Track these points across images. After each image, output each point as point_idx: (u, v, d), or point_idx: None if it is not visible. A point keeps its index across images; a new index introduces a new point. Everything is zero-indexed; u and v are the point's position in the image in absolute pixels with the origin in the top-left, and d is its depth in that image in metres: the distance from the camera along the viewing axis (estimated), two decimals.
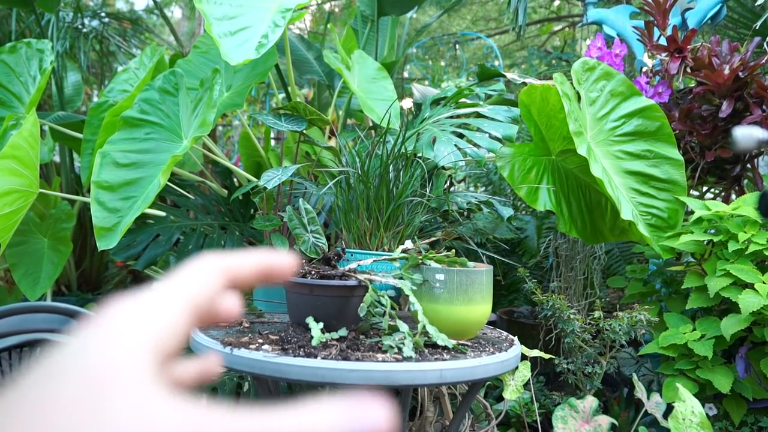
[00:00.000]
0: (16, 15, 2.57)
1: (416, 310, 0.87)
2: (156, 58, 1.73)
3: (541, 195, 1.37)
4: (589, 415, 1.12)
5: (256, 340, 0.90)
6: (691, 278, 1.28)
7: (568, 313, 1.28)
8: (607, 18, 1.93)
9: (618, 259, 1.96)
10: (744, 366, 1.21)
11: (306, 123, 1.39)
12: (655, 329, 1.34)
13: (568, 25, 5.26)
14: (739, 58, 1.39)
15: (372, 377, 0.78)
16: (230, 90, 1.55)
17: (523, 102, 1.37)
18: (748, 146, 0.51)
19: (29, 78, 1.70)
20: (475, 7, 5.87)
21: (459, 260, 0.99)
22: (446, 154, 1.31)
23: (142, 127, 1.37)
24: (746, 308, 1.11)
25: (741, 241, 1.20)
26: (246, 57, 1.19)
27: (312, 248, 1.06)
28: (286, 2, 1.30)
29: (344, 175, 1.16)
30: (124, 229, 1.20)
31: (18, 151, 1.28)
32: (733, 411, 1.24)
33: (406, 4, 1.93)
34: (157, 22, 4.52)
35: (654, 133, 1.37)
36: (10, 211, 1.30)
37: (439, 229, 1.39)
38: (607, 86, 1.39)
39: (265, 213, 1.54)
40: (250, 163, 1.83)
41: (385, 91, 1.61)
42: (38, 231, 1.94)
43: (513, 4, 2.26)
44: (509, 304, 2.03)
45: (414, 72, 4.54)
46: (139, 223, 1.61)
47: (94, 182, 1.26)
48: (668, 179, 1.35)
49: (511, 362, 0.92)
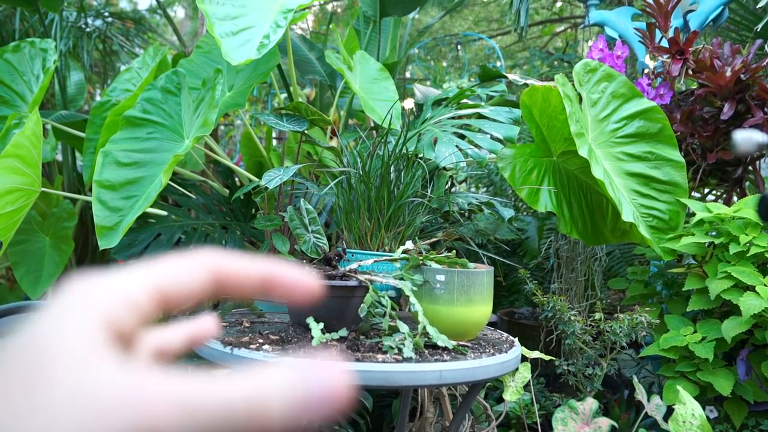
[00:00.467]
0: (20, 14, 2.57)
1: (416, 311, 0.87)
2: (159, 57, 1.74)
3: (542, 196, 1.37)
4: (589, 417, 1.12)
5: (256, 339, 0.91)
6: (692, 280, 1.27)
7: (569, 314, 1.28)
8: (609, 20, 1.92)
9: (619, 260, 1.96)
10: (745, 368, 1.21)
11: (307, 123, 1.39)
12: (656, 331, 1.34)
13: (570, 27, 5.25)
14: (741, 61, 1.39)
15: (372, 378, 0.78)
16: (232, 90, 1.55)
17: (524, 103, 1.37)
18: (748, 149, 0.51)
19: (32, 77, 1.71)
20: (477, 8, 5.88)
21: (460, 261, 0.99)
22: (447, 154, 1.31)
23: (144, 126, 1.37)
24: (747, 311, 1.11)
25: (742, 243, 1.20)
26: (247, 57, 1.19)
27: (313, 248, 1.06)
28: (288, 3, 1.30)
29: (345, 175, 1.16)
30: (125, 228, 1.21)
31: (20, 150, 1.28)
32: (733, 414, 1.24)
33: (409, 4, 1.93)
34: (160, 21, 4.53)
35: (655, 134, 1.37)
36: (12, 209, 1.31)
37: (440, 230, 1.39)
38: (609, 88, 1.39)
39: (266, 213, 1.54)
40: (251, 162, 1.83)
41: (387, 92, 1.61)
42: (40, 230, 1.94)
43: (515, 6, 2.26)
44: (510, 305, 2.03)
45: (416, 72, 4.55)
46: (141, 223, 1.61)
47: (96, 181, 1.27)
48: (669, 181, 1.35)
49: (511, 363, 0.92)
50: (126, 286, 0.18)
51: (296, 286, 0.21)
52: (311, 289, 0.21)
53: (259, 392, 0.16)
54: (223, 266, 0.20)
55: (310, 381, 0.16)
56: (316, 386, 0.16)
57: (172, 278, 0.19)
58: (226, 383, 0.16)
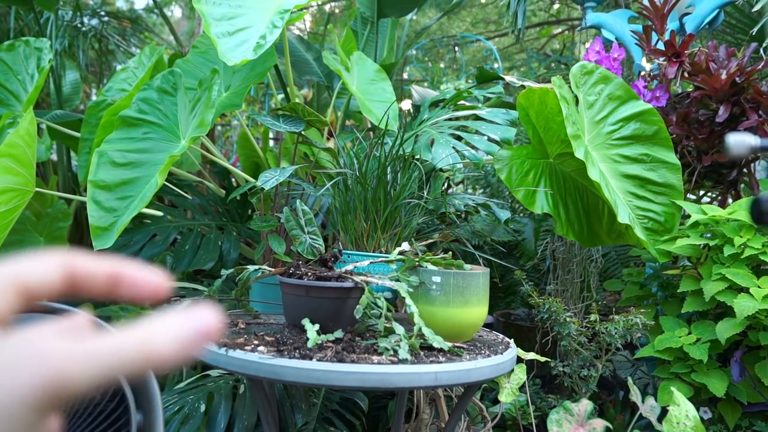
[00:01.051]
0: (14, 13, 2.56)
1: (412, 313, 0.87)
2: (155, 57, 1.73)
3: (538, 198, 1.37)
4: (584, 418, 1.12)
5: (251, 341, 0.90)
6: (687, 282, 1.28)
7: (565, 316, 1.28)
8: (605, 22, 1.93)
9: (615, 262, 1.96)
10: (739, 370, 1.22)
11: (304, 124, 1.39)
12: (651, 332, 1.34)
13: (567, 29, 5.27)
14: (736, 63, 1.39)
15: (367, 379, 0.78)
16: (229, 90, 1.55)
17: (521, 105, 1.37)
18: (741, 153, 0.51)
19: (27, 76, 1.70)
20: (474, 9, 5.89)
21: (456, 262, 0.99)
22: (444, 156, 1.31)
23: (140, 126, 1.36)
24: (741, 312, 1.11)
25: (737, 245, 1.20)
26: (244, 57, 1.19)
27: (309, 249, 1.06)
28: (285, 3, 1.30)
29: (342, 176, 1.16)
30: (120, 229, 1.20)
31: (14, 150, 1.28)
32: (727, 415, 1.25)
33: (406, 5, 1.93)
34: (156, 21, 4.51)
35: (651, 137, 1.38)
36: (5, 209, 1.30)
37: (436, 231, 1.39)
38: (605, 90, 1.39)
39: (262, 213, 1.54)
40: (248, 163, 1.83)
41: (384, 93, 1.61)
42: (34, 230, 1.93)
43: (512, 7, 2.26)
44: (506, 307, 2.03)
45: (413, 74, 4.55)
46: (136, 223, 1.61)
47: (91, 181, 1.26)
48: (665, 183, 1.35)
49: (506, 365, 0.93)
50: None
51: (142, 286, 0.23)
52: (157, 289, 0.23)
53: (150, 336, 0.20)
54: (74, 264, 0.22)
55: (189, 321, 0.20)
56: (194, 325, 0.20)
57: (31, 273, 0.21)
58: (123, 333, 0.20)
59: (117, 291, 0.22)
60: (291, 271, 0.97)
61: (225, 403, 1.23)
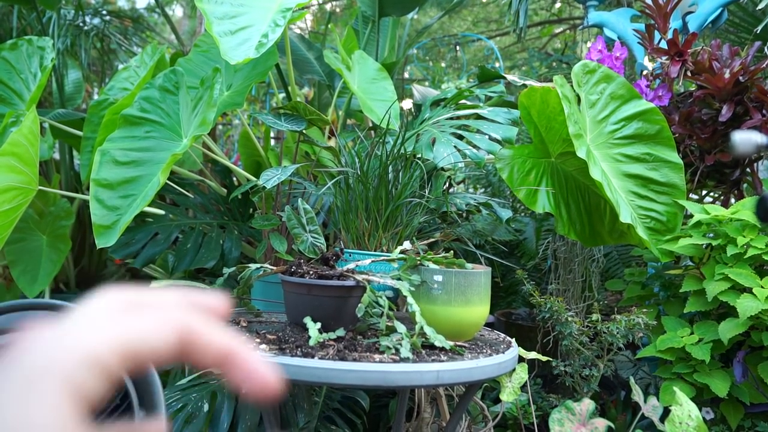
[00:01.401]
0: (17, 12, 2.57)
1: (414, 311, 0.87)
2: (157, 56, 1.73)
3: (540, 197, 1.37)
4: (586, 418, 1.12)
5: (253, 339, 0.90)
6: (689, 282, 1.28)
7: (566, 315, 1.28)
8: (608, 21, 1.93)
9: (616, 262, 1.96)
10: (741, 370, 1.21)
11: (306, 123, 1.39)
12: (653, 332, 1.34)
13: (569, 28, 5.26)
14: (740, 63, 1.39)
15: (369, 378, 0.78)
16: (230, 89, 1.55)
17: (523, 104, 1.37)
18: (747, 151, 0.51)
19: (30, 75, 1.70)
20: (476, 8, 5.88)
21: (457, 261, 0.99)
22: (445, 155, 1.31)
23: (142, 125, 1.37)
24: (744, 312, 1.11)
25: (740, 245, 1.20)
26: (246, 56, 1.19)
27: (310, 248, 1.06)
28: (287, 2, 1.30)
29: (343, 175, 1.16)
30: (122, 227, 1.20)
31: (17, 148, 1.28)
32: (730, 415, 1.24)
33: (408, 4, 1.93)
34: (158, 20, 4.52)
35: (654, 136, 1.37)
36: (8, 208, 1.30)
37: (437, 230, 1.39)
38: (608, 89, 1.39)
39: (264, 212, 1.54)
40: (249, 162, 1.83)
41: (385, 92, 1.61)
42: (37, 228, 1.93)
43: (514, 6, 2.26)
44: (507, 306, 2.03)
45: (414, 73, 4.55)
46: (138, 222, 1.61)
47: (94, 180, 1.26)
48: (667, 183, 1.35)
49: (508, 364, 0.92)
50: (92, 347, 0.18)
51: (251, 377, 0.21)
52: (265, 383, 0.21)
53: None
54: (192, 331, 0.21)
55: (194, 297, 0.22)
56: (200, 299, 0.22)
57: (142, 337, 0.19)
58: None
59: (226, 372, 0.21)
60: (293, 270, 0.97)
61: (228, 402, 1.23)
